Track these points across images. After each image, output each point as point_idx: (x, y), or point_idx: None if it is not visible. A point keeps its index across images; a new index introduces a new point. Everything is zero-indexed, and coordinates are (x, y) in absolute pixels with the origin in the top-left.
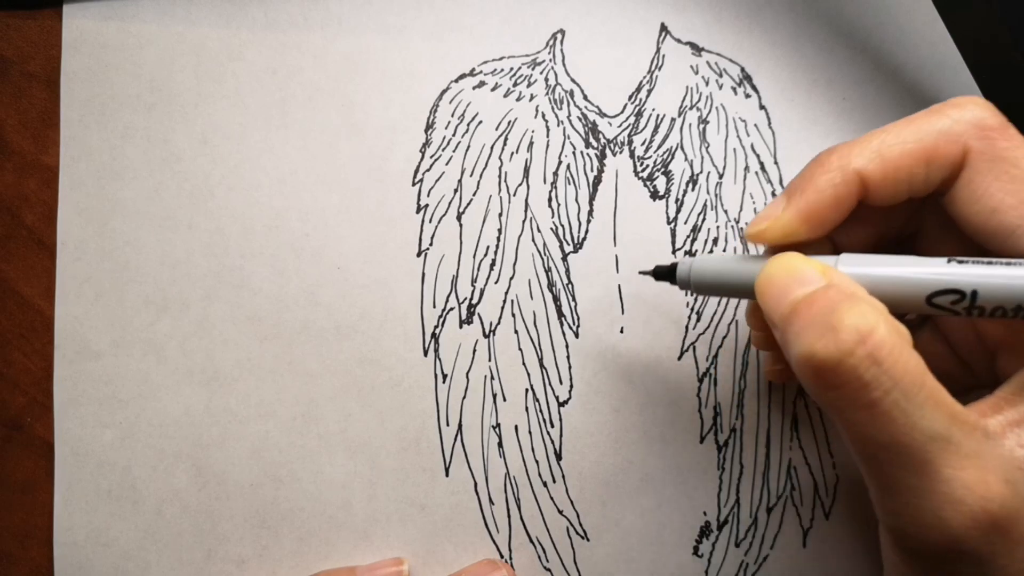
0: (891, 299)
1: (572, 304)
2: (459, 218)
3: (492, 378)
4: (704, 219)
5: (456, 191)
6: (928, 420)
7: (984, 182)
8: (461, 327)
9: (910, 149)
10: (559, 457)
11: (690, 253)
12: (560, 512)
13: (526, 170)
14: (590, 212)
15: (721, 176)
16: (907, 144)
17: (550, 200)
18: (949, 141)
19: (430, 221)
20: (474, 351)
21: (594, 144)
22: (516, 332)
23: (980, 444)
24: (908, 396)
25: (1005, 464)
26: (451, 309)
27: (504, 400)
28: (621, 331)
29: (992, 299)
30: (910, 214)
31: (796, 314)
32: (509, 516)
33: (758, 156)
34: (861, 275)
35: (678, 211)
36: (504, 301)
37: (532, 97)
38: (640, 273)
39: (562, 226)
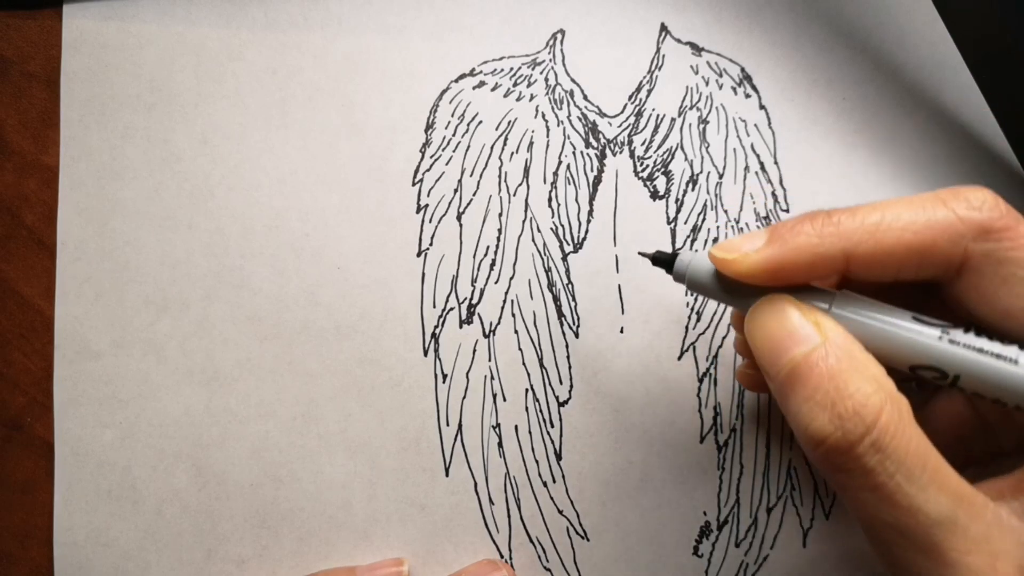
0: (876, 354)
1: (572, 304)
2: (459, 218)
3: (492, 378)
4: (704, 219)
5: (456, 191)
6: (933, 503)
7: (992, 285)
8: (461, 327)
9: (907, 240)
10: (559, 457)
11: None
12: (560, 512)
13: (526, 170)
14: (590, 212)
15: (721, 176)
16: (905, 233)
17: (550, 200)
18: (949, 241)
19: (430, 221)
20: (474, 351)
21: (594, 144)
22: (516, 332)
23: (990, 527)
24: (911, 479)
25: (1020, 549)
26: (451, 309)
27: (504, 400)
28: (621, 331)
29: (975, 386)
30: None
31: (797, 380)
32: (509, 516)
33: (758, 156)
34: (851, 324)
35: (678, 211)
36: (504, 301)
37: (532, 97)
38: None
39: (562, 226)
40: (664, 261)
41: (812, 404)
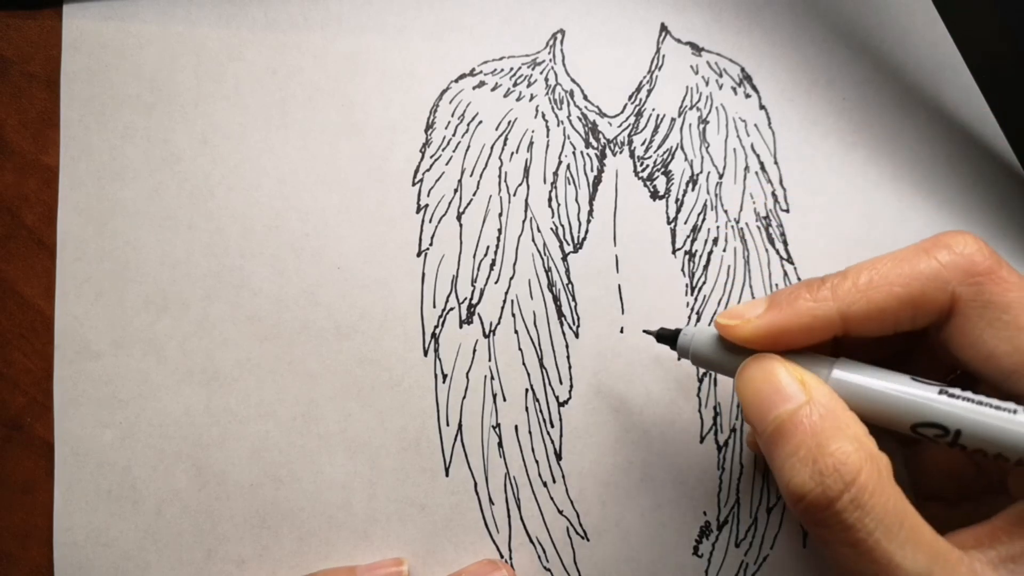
0: (876, 418)
1: (572, 304)
2: (459, 218)
3: (492, 378)
4: (704, 219)
5: (456, 191)
6: (910, 560)
7: (976, 329)
8: (461, 327)
9: (897, 294)
10: (559, 457)
11: (690, 254)
12: (560, 512)
13: (526, 170)
14: (590, 212)
15: (721, 176)
16: (893, 288)
17: (550, 200)
18: (936, 288)
19: (430, 221)
20: (474, 351)
21: (594, 144)
22: (516, 332)
23: None
24: (889, 535)
25: None
26: (451, 309)
27: (504, 400)
28: (621, 331)
29: (974, 442)
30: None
31: (781, 436)
32: (509, 516)
33: (758, 156)
34: (849, 389)
35: (678, 211)
36: (504, 301)
37: (532, 97)
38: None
39: (562, 226)
40: (668, 338)
41: (795, 460)
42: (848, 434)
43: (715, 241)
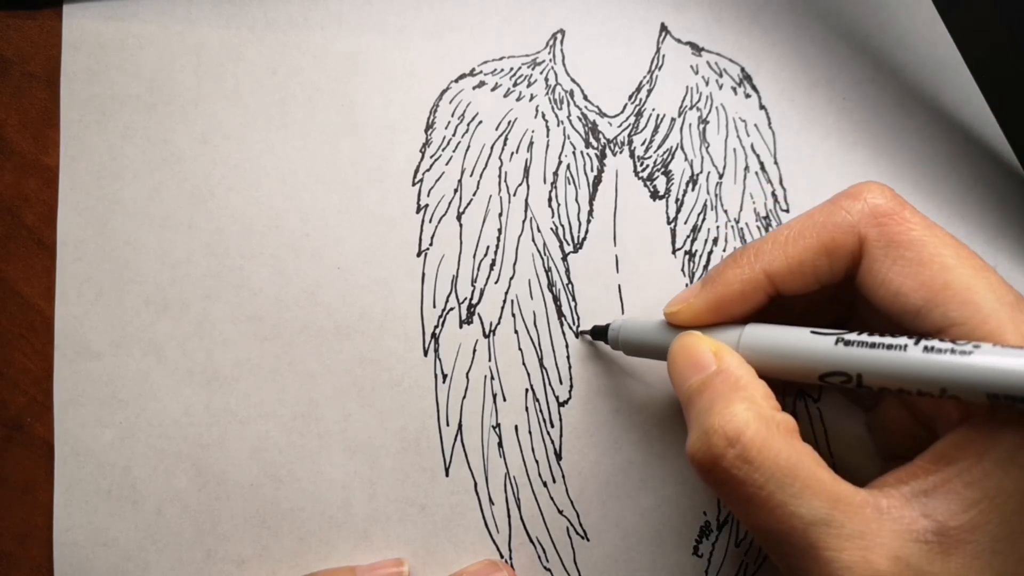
0: (787, 373)
1: (572, 304)
2: (459, 218)
3: (492, 378)
4: (704, 219)
5: (456, 191)
6: (807, 507)
7: (883, 268)
8: (461, 327)
9: (810, 244)
10: (559, 457)
11: (690, 254)
12: (560, 512)
13: (526, 170)
14: (590, 212)
15: (721, 176)
16: (807, 240)
17: (550, 200)
18: (844, 232)
19: (430, 221)
20: (474, 351)
21: (594, 144)
22: (516, 332)
23: (867, 523)
24: (783, 487)
25: (897, 539)
26: (451, 309)
27: (504, 400)
28: None
29: (875, 382)
30: (838, 289)
31: (690, 404)
32: (509, 516)
33: (758, 156)
34: (759, 350)
35: (678, 211)
36: (504, 301)
37: (532, 97)
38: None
39: (562, 226)
40: (600, 333)
41: (692, 424)
42: (741, 396)
43: (715, 241)
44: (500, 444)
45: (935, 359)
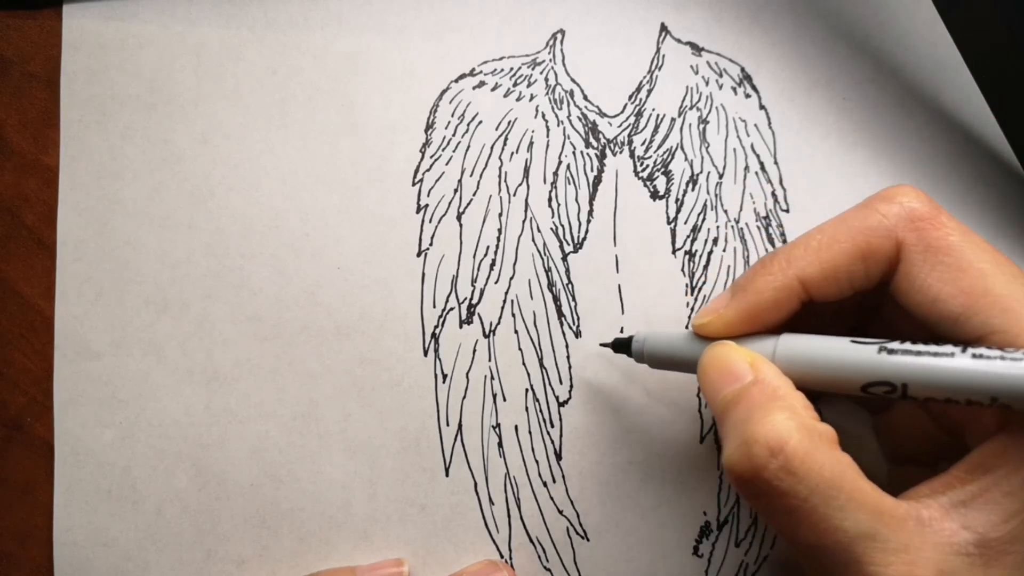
0: (826, 384)
1: (572, 304)
2: (459, 218)
3: (492, 378)
4: (704, 219)
5: (456, 191)
6: (851, 521)
7: (921, 274)
8: (461, 327)
9: (845, 249)
10: (559, 457)
11: (690, 254)
12: (560, 512)
13: (526, 170)
14: (590, 212)
15: (721, 176)
16: (842, 244)
17: (550, 200)
18: (881, 237)
19: (430, 221)
20: (474, 351)
21: (594, 144)
22: (516, 332)
23: (911, 536)
24: (827, 500)
25: (940, 552)
26: (451, 309)
27: (504, 400)
28: (621, 331)
29: (922, 390)
30: (867, 295)
31: (725, 414)
32: (509, 516)
33: (758, 156)
34: (797, 361)
35: (678, 211)
36: (504, 301)
37: (532, 97)
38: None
39: (562, 226)
40: (623, 346)
41: (730, 435)
42: (783, 405)
43: (715, 241)
44: (500, 444)
45: (986, 367)
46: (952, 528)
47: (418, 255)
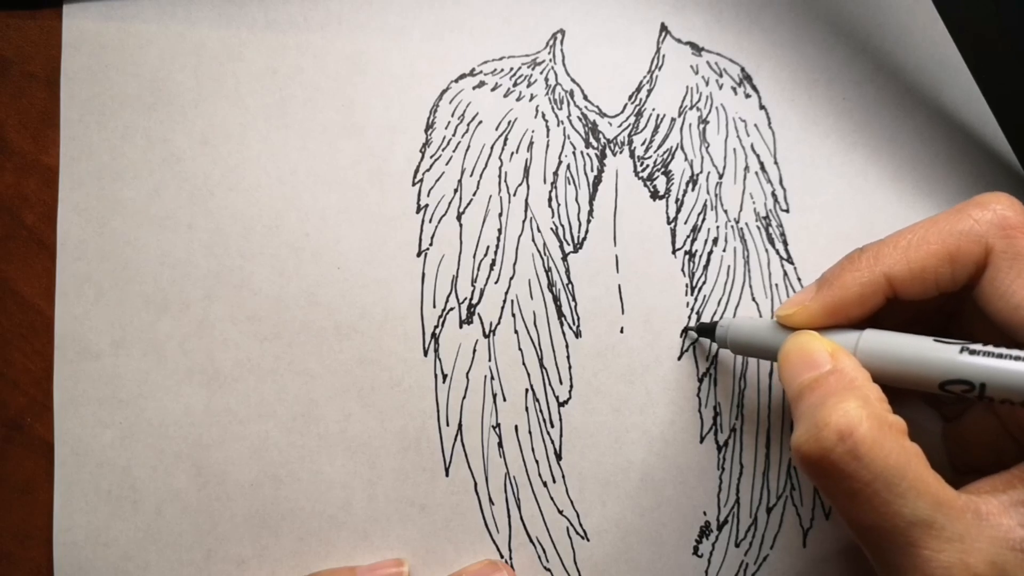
0: (906, 380)
1: (572, 304)
2: (459, 218)
3: (492, 378)
4: (704, 219)
5: (456, 191)
6: (911, 507)
7: (1007, 279)
8: (461, 327)
9: (934, 251)
10: (559, 457)
11: (690, 254)
12: (560, 512)
13: (526, 170)
14: (590, 212)
15: (721, 176)
16: (931, 246)
17: (550, 200)
18: (971, 241)
19: (430, 221)
20: (474, 351)
21: (594, 144)
22: (516, 332)
23: (967, 527)
24: (889, 486)
25: (995, 545)
26: (451, 309)
27: (504, 400)
28: (621, 331)
29: (1000, 391)
30: (948, 298)
31: (800, 399)
32: (509, 516)
33: (758, 156)
34: (878, 355)
35: (678, 211)
36: (504, 301)
37: (532, 97)
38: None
39: (562, 226)
40: (707, 330)
41: (802, 418)
42: (858, 394)
43: (715, 241)
44: (500, 444)
45: None
46: (1009, 524)
47: (418, 255)
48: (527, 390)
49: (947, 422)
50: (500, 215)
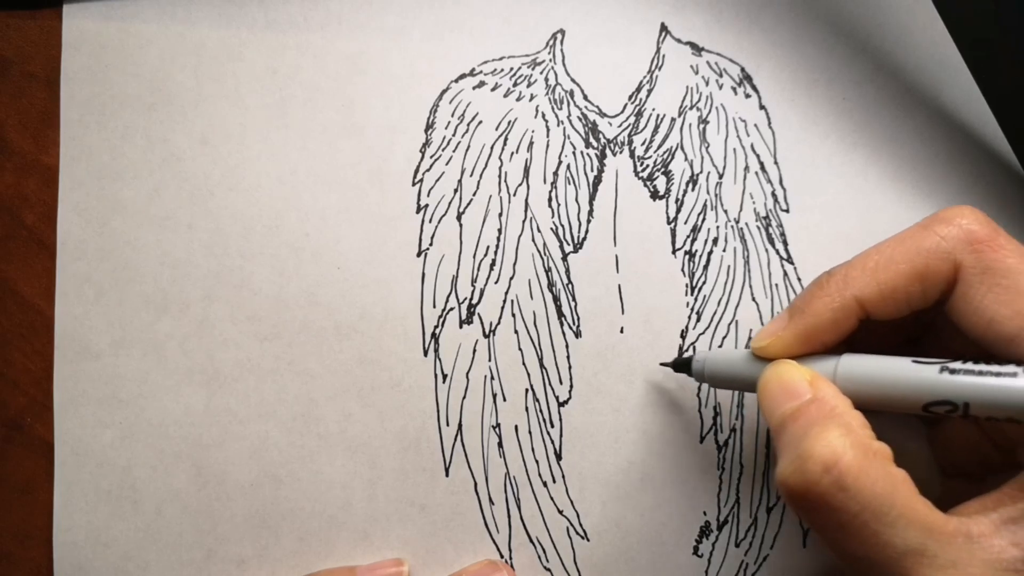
0: (888, 404)
1: (572, 304)
2: (459, 218)
3: (492, 378)
4: (704, 219)
5: (456, 191)
6: (901, 537)
7: (978, 295)
8: (461, 327)
9: (903, 271)
10: (559, 457)
11: (690, 254)
12: (560, 512)
13: (526, 170)
14: (590, 212)
15: (721, 176)
16: (900, 266)
17: (550, 200)
18: (939, 259)
19: (430, 221)
20: (474, 351)
21: (594, 144)
22: (516, 332)
23: (960, 552)
24: (878, 516)
25: (988, 568)
26: (451, 309)
27: (504, 400)
28: (621, 331)
29: (984, 409)
30: (922, 312)
31: (782, 429)
32: (509, 516)
33: (758, 156)
34: (857, 381)
35: (678, 211)
36: (504, 301)
37: (532, 97)
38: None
39: (562, 226)
40: (682, 365)
41: (785, 450)
42: (838, 423)
43: (715, 241)
44: (500, 444)
45: None
46: (1001, 545)
47: (418, 255)
48: (527, 390)
49: (931, 427)
50: (500, 215)
